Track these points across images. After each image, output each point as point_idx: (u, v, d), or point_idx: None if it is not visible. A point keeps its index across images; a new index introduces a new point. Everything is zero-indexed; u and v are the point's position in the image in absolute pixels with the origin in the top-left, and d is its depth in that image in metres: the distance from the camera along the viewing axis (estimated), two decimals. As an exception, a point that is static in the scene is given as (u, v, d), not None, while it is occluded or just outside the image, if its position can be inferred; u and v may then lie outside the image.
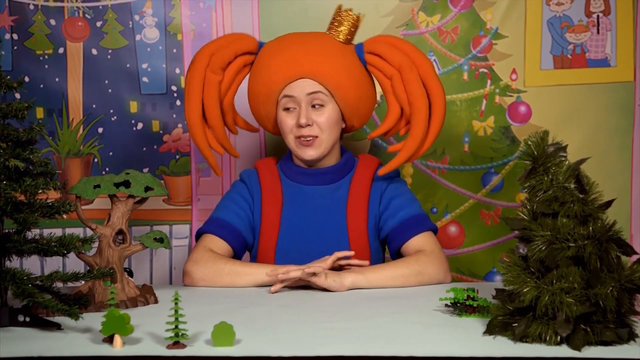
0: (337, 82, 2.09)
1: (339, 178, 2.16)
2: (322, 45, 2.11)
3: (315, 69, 2.07)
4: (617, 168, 2.64)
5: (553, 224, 1.46)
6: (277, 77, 2.09)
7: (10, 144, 1.63)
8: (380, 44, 2.13)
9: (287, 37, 2.17)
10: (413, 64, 2.08)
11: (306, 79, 2.08)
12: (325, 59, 2.08)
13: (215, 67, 2.12)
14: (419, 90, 2.07)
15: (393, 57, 2.09)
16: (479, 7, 2.63)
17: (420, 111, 2.08)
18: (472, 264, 2.70)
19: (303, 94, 2.08)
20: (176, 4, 2.64)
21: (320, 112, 2.10)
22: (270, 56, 2.11)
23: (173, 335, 1.45)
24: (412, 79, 2.07)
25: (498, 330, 1.49)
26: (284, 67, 2.08)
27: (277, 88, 2.10)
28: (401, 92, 2.09)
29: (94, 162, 2.67)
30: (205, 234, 2.12)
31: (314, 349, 1.43)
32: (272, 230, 2.13)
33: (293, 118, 2.10)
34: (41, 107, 2.64)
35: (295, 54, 2.08)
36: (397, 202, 2.12)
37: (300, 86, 2.08)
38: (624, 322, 1.46)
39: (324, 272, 1.91)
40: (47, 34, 2.63)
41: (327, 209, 2.13)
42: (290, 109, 2.10)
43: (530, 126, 2.63)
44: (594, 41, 2.63)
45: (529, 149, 1.50)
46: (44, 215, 1.66)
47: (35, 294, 1.58)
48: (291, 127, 2.11)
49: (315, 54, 2.08)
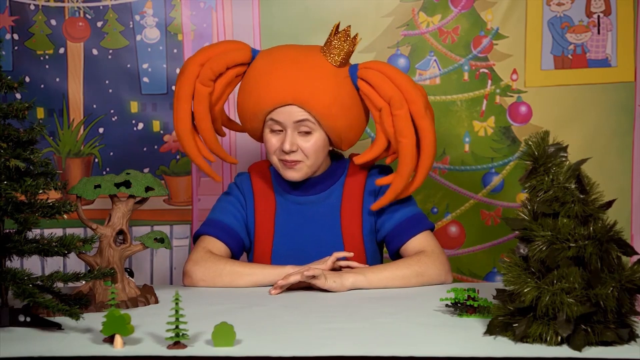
0: (327, 112, 2.00)
1: (330, 185, 2.13)
2: (315, 70, 2.01)
3: (304, 97, 1.98)
4: (618, 168, 2.64)
5: (554, 224, 1.46)
6: (265, 99, 2.01)
7: (10, 144, 1.63)
8: (373, 73, 2.02)
9: (280, 54, 2.06)
10: (404, 99, 1.99)
11: (294, 106, 2.00)
12: (316, 88, 1.99)
13: (204, 79, 2.04)
14: (407, 129, 1.99)
15: (385, 90, 2.00)
16: (480, 8, 2.63)
17: (407, 148, 2.00)
18: (473, 264, 2.70)
19: (290, 121, 2.01)
20: (177, 4, 2.64)
21: (306, 139, 2.03)
22: (261, 74, 2.03)
23: (173, 336, 1.45)
24: (402, 115, 1.99)
25: (498, 331, 1.49)
26: (273, 90, 2.00)
27: (264, 109, 2.02)
28: (389, 126, 2.01)
29: (95, 162, 2.67)
30: (203, 235, 2.12)
31: (315, 349, 1.43)
32: (266, 237, 2.12)
33: (278, 141, 2.04)
34: (42, 107, 2.64)
35: (285, 77, 2.00)
36: (393, 203, 2.10)
37: (288, 112, 2.01)
38: (625, 322, 1.46)
39: (323, 274, 1.91)
40: (48, 34, 2.63)
41: (321, 215, 2.11)
42: (276, 131, 2.05)
43: (530, 126, 2.63)
44: (594, 41, 2.63)
45: (530, 149, 1.50)
46: (44, 215, 1.66)
47: (36, 294, 1.58)
48: (275, 149, 2.05)
49: (306, 80, 1.99)
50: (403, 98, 1.99)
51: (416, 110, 1.99)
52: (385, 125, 2.02)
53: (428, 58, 2.65)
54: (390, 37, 2.65)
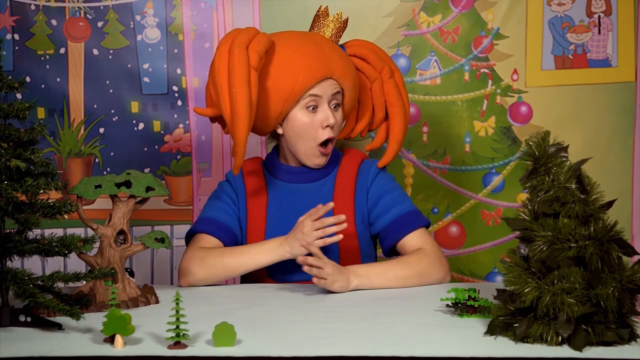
0: (354, 84, 2.13)
1: (324, 175, 2.16)
2: (335, 46, 2.15)
3: (340, 70, 2.09)
4: (618, 168, 2.64)
5: (554, 224, 1.46)
6: (305, 76, 2.05)
7: (11, 144, 1.64)
8: (363, 48, 2.22)
9: (298, 36, 2.13)
10: (392, 70, 2.22)
11: (331, 79, 2.08)
12: (345, 61, 2.12)
13: (255, 63, 1.98)
14: (397, 95, 2.21)
15: (376, 62, 2.20)
16: (480, 8, 2.63)
17: (400, 113, 2.21)
18: (473, 265, 2.70)
19: (328, 95, 2.09)
20: (177, 4, 2.64)
21: (337, 112, 2.12)
22: (293, 56, 2.06)
23: (174, 336, 1.45)
24: (392, 83, 2.21)
25: (499, 331, 1.49)
26: (313, 67, 2.05)
27: (304, 87, 2.05)
28: (380, 95, 2.21)
29: (95, 163, 2.67)
30: (196, 234, 2.12)
31: (315, 349, 1.43)
32: (258, 229, 2.12)
33: (316, 120, 2.08)
34: (42, 108, 2.64)
35: (319, 54, 2.07)
36: (388, 198, 2.11)
37: (326, 86, 2.08)
38: (625, 322, 1.46)
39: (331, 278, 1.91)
40: (49, 34, 2.63)
41: (313, 205, 2.09)
42: (315, 107, 2.08)
43: (531, 126, 2.63)
44: (595, 41, 2.63)
45: (530, 149, 1.50)
46: (45, 215, 1.66)
47: (37, 294, 1.58)
48: (316, 128, 2.08)
49: (336, 54, 2.10)
50: (390, 68, 2.22)
51: (399, 78, 2.25)
52: (377, 94, 2.22)
53: (429, 58, 2.65)
54: (391, 37, 2.65)
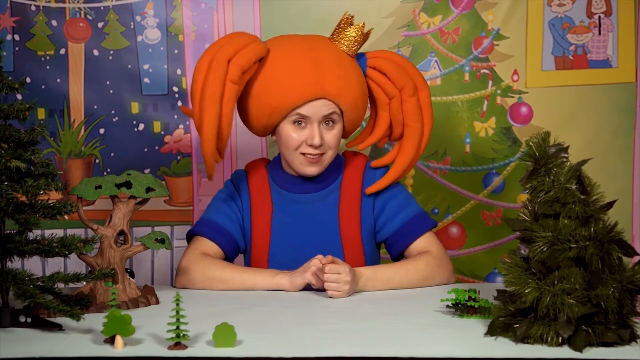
0: (354, 104, 2.02)
1: (328, 184, 2.09)
2: (338, 61, 2.01)
3: (334, 91, 1.98)
4: (619, 169, 2.64)
5: (554, 225, 1.46)
6: (294, 94, 1.97)
7: (11, 144, 1.64)
8: (385, 62, 2.07)
9: (296, 46, 2.03)
10: (415, 87, 2.07)
11: (323, 100, 1.99)
12: (344, 81, 2.00)
13: (235, 77, 1.94)
14: (417, 114, 2.07)
15: (398, 78, 2.06)
16: (481, 8, 2.63)
17: (416, 132, 2.08)
18: (474, 265, 2.70)
19: (319, 115, 2.00)
20: (177, 5, 2.64)
21: (329, 130, 2.02)
22: (283, 69, 1.99)
23: (174, 336, 1.45)
24: (413, 102, 2.07)
25: (499, 331, 1.49)
26: (302, 85, 1.97)
27: (290, 105, 1.99)
28: (398, 113, 2.07)
29: (96, 163, 2.67)
30: (197, 235, 2.10)
31: (316, 350, 1.43)
32: (263, 238, 2.08)
33: (301, 135, 2.01)
34: (43, 108, 2.64)
35: (312, 71, 1.97)
36: (394, 203, 2.09)
37: (317, 107, 1.99)
38: (626, 323, 1.46)
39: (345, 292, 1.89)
40: (49, 35, 2.63)
41: (319, 215, 2.08)
42: (302, 123, 2.01)
43: (531, 127, 2.63)
44: (595, 42, 2.63)
45: (531, 150, 1.50)
46: (45, 216, 1.66)
47: (37, 295, 1.58)
48: (298, 144, 2.02)
49: (334, 72, 1.99)
50: (414, 86, 2.07)
51: (424, 98, 2.09)
52: (395, 112, 2.08)
53: (429, 59, 2.65)
54: (391, 37, 2.65)
